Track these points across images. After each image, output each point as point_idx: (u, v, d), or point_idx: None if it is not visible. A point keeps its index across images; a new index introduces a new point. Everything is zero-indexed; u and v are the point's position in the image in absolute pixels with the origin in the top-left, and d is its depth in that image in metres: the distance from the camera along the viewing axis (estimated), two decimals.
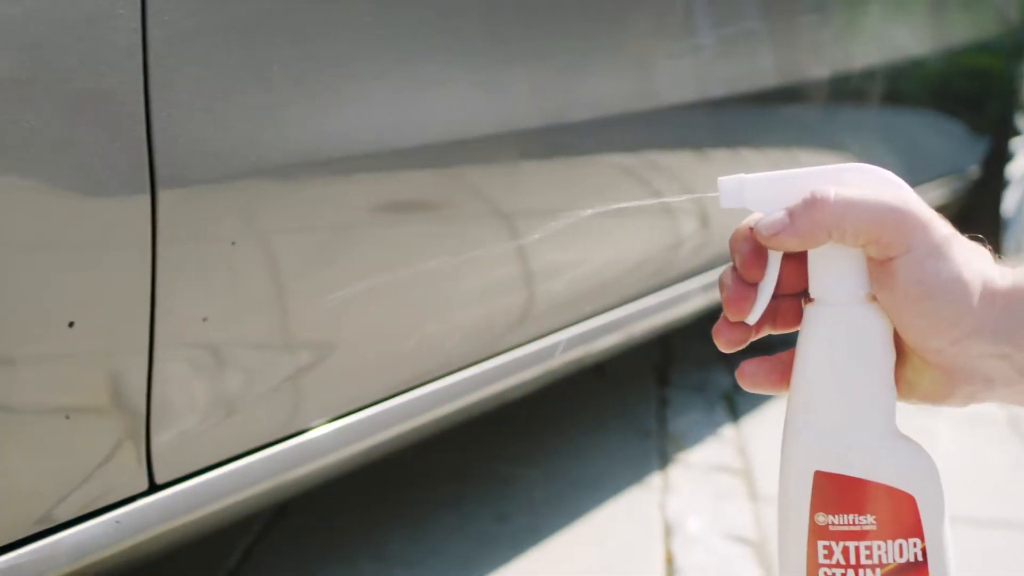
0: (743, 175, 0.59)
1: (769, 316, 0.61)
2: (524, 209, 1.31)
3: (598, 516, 1.71)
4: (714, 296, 1.81)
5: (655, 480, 1.84)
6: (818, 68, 2.01)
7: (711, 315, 1.86)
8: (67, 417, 0.89)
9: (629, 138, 1.45)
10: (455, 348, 1.29)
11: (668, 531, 1.67)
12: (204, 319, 0.95)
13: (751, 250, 0.59)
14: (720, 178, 0.59)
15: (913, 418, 0.72)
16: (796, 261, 0.60)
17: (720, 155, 1.74)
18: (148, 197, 0.86)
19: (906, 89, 2.46)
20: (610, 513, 1.72)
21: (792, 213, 0.56)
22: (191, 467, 1.02)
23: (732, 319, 0.60)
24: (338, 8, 1.00)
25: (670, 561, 1.58)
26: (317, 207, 1.03)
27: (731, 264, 0.60)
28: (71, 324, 0.85)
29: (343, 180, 1.03)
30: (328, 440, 1.14)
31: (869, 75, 2.20)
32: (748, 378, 0.62)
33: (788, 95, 1.93)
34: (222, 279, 0.96)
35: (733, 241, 0.60)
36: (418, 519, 1.67)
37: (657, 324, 1.73)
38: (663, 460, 1.92)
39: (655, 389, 2.28)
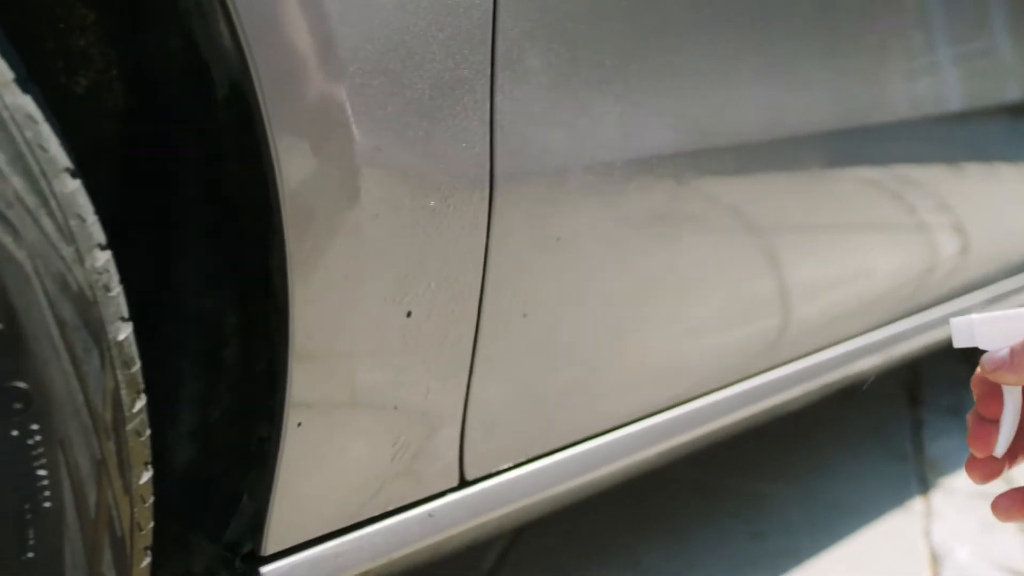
0: (973, 316, 0.63)
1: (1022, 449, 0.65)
2: (814, 219, 1.26)
3: (858, 540, 1.64)
4: None
5: (916, 505, 1.76)
6: None
7: None
8: (396, 408, 0.89)
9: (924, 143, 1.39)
10: (742, 359, 1.26)
11: (935, 559, 1.59)
12: (524, 315, 0.95)
13: (986, 389, 0.63)
14: (952, 319, 0.64)
15: None
16: None
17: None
18: (487, 190, 0.86)
19: None
20: (871, 537, 1.65)
21: (1013, 351, 0.61)
22: (498, 465, 1.01)
23: (978, 455, 0.65)
24: (663, 5, 0.99)
25: None
26: (629, 207, 1.01)
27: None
28: (408, 314, 0.86)
29: (659, 180, 1.01)
30: (622, 444, 1.12)
31: None
32: (1003, 511, 0.66)
33: None
34: (544, 275, 0.95)
35: (972, 385, 0.65)
36: (672, 532, 1.63)
37: (915, 348, 1.65)
38: (923, 485, 1.83)
39: (908, 410, 2.19)
